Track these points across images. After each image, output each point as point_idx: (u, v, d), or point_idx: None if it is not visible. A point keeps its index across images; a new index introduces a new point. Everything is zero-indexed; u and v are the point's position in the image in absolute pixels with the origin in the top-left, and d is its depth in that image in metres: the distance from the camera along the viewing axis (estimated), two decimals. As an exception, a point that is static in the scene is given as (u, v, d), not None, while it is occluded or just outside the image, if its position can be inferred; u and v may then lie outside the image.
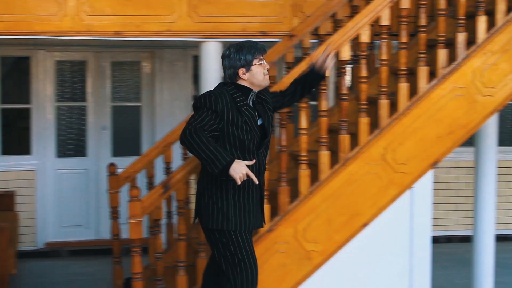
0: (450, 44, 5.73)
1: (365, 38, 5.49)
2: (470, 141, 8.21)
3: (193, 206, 6.38)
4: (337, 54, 5.50)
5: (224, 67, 4.65)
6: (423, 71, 5.61)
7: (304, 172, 5.47)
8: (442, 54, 5.62)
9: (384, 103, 5.56)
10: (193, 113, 4.56)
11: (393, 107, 5.63)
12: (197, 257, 5.36)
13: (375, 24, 5.69)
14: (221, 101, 4.48)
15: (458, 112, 5.63)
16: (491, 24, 5.71)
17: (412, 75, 5.72)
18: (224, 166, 4.35)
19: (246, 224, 4.61)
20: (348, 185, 5.51)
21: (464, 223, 9.58)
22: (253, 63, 4.58)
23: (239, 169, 4.36)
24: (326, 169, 5.50)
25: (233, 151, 4.55)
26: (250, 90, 4.63)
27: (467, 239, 8.67)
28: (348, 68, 6.55)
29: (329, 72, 4.94)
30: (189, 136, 4.38)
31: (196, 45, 6.75)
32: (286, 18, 6.69)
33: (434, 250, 6.03)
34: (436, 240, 8.96)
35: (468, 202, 9.32)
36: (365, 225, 5.57)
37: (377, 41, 5.70)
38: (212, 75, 6.58)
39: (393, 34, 6.16)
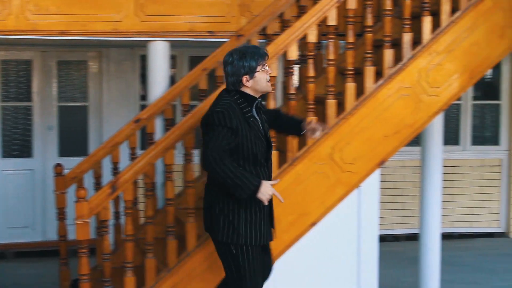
0: (396, 44, 5.79)
1: (312, 38, 5.51)
2: (416, 141, 8.31)
3: (141, 206, 6.36)
4: (284, 54, 5.52)
5: (226, 74, 4.54)
6: (369, 71, 5.66)
7: (252, 172, 5.47)
8: (388, 54, 5.69)
9: (331, 103, 5.60)
10: (206, 132, 4.43)
11: (341, 106, 5.67)
12: (145, 258, 5.33)
13: (322, 24, 5.72)
14: (234, 116, 4.41)
15: (404, 112, 5.70)
16: (436, 24, 5.79)
17: (359, 75, 5.76)
18: (253, 192, 4.36)
19: (256, 238, 4.58)
20: (296, 184, 5.53)
21: (410, 221, 9.69)
22: (257, 70, 4.51)
23: (266, 191, 4.39)
24: (274, 169, 5.50)
25: (246, 166, 4.50)
26: (254, 98, 4.57)
27: (413, 238, 8.77)
28: (296, 68, 6.59)
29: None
30: (214, 164, 4.31)
31: (144, 45, 6.71)
32: (234, 17, 6.69)
33: (381, 248, 6.08)
34: (383, 238, 9.05)
35: (415, 201, 9.44)
36: (313, 224, 5.60)
37: (324, 41, 5.73)
38: (160, 75, 6.55)
39: (340, 34, 6.21)
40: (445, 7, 5.78)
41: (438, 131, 7.03)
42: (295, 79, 5.76)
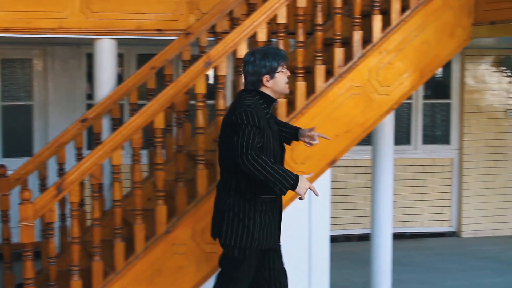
0: (347, 43, 5.86)
1: (262, 36, 5.54)
2: (368, 140, 8.40)
3: (88, 208, 6.31)
4: (234, 52, 5.54)
5: (247, 73, 4.56)
6: (320, 70, 5.71)
7: (201, 172, 5.48)
8: (338, 53, 5.74)
9: (281, 102, 5.63)
10: (232, 132, 4.40)
11: (291, 106, 5.71)
12: (92, 261, 5.30)
13: (272, 22, 5.75)
14: (260, 116, 4.42)
15: (355, 111, 5.76)
16: (386, 23, 5.87)
17: (309, 74, 5.81)
18: (292, 185, 4.34)
19: (267, 242, 4.61)
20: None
21: (362, 221, 9.79)
22: (278, 70, 4.55)
23: (304, 185, 4.37)
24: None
25: None
26: (273, 99, 4.61)
27: (366, 238, 8.86)
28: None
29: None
30: (253, 162, 4.29)
31: (90, 43, 6.67)
32: (182, 15, 6.68)
33: (332, 249, 6.14)
34: (334, 239, 9.14)
35: (366, 201, 9.54)
36: (263, 225, 5.63)
37: (274, 40, 5.76)
38: (106, 74, 6.51)
39: (290, 32, 6.25)
40: (395, 6, 5.87)
41: (389, 130, 7.12)
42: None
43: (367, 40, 5.84)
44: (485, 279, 8.03)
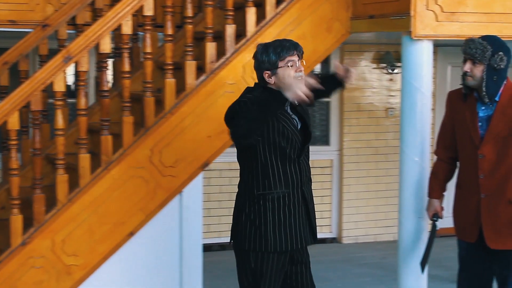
0: (219, 37, 5.91)
1: (127, 29, 5.52)
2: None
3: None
4: (97, 46, 5.50)
5: (254, 69, 4.48)
6: (190, 66, 5.74)
7: (61, 178, 5.41)
8: (210, 48, 5.79)
9: (149, 101, 5.63)
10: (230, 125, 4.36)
11: (160, 104, 5.71)
12: None
13: (138, 14, 5.75)
14: None
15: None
16: (261, 16, 5.95)
17: (179, 70, 5.83)
18: (283, 99, 4.19)
19: (286, 244, 4.49)
20: (111, 191, 5.52)
21: (238, 228, 9.86)
22: (279, 65, 4.35)
23: (294, 88, 4.17)
24: (87, 174, 5.48)
25: (273, 161, 4.41)
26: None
27: (241, 246, 8.92)
28: (109, 62, 6.55)
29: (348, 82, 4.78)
30: (241, 129, 4.19)
31: None
32: (39, 5, 6.56)
33: (206, 258, 6.17)
34: (208, 248, 9.17)
35: (242, 206, 9.62)
36: (131, 234, 5.62)
37: (141, 33, 5.76)
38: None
39: (158, 25, 6.25)
40: (270, -2, 5.97)
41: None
42: (108, 74, 5.74)
43: (241, 34, 5.91)
44: (366, 287, 8.24)
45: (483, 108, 4.99)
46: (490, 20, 5.72)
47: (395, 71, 9.90)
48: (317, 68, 10.13)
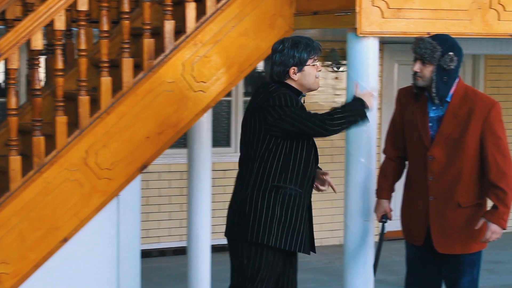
0: (158, 34, 5.87)
1: (60, 24, 5.46)
2: (183, 142, 8.46)
3: None
4: (28, 42, 5.43)
5: (274, 62, 4.71)
6: (127, 64, 5.70)
7: (-11, 182, 5.34)
8: (148, 45, 5.75)
9: (84, 100, 5.57)
10: (269, 114, 4.62)
11: (96, 104, 5.66)
12: None
13: (72, 8, 5.69)
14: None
15: (168, 110, 5.79)
16: (201, 11, 5.93)
17: (116, 68, 5.78)
18: (363, 109, 4.75)
19: (290, 243, 4.61)
20: (44, 194, 5.45)
21: (178, 233, 9.82)
22: (307, 63, 4.67)
23: (368, 100, 4.82)
24: (18, 177, 5.40)
25: (297, 156, 4.66)
26: (299, 93, 4.74)
27: (182, 251, 8.91)
28: (42, 59, 6.47)
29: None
30: (332, 126, 4.61)
31: None
32: (-34, -1, 6.46)
33: (145, 265, 6.15)
34: (147, 254, 9.13)
35: (183, 210, 9.58)
36: (66, 239, 5.56)
37: (75, 29, 5.70)
38: None
39: (93, 21, 6.20)
40: (211, -7, 5.95)
41: (207, 131, 7.21)
42: (41, 72, 5.66)
43: (180, 30, 5.89)
44: (311, 293, 8.29)
45: (434, 108, 5.04)
46: (437, 17, 5.78)
47: (341, 69, 9.97)
48: (261, 65, 10.15)
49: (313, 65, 4.74)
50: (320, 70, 4.82)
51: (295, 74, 4.70)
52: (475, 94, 5.05)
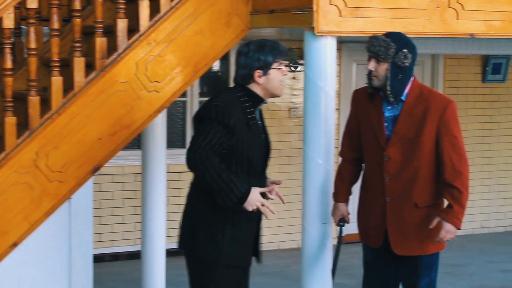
0: (110, 32, 5.85)
1: (8, 22, 5.41)
2: (137, 143, 8.43)
3: None
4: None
5: (238, 65, 4.67)
6: (79, 63, 5.67)
7: None
8: (100, 43, 5.72)
9: (34, 100, 5.53)
10: (197, 126, 4.57)
11: (46, 104, 5.62)
12: None
13: (21, 6, 5.65)
14: (234, 113, 4.51)
15: (121, 110, 5.78)
16: (155, 9, 5.91)
17: (67, 67, 5.75)
18: (239, 199, 4.42)
19: (240, 259, 4.62)
20: (-8, 198, 5.42)
21: (132, 237, 9.77)
22: (272, 66, 4.64)
23: (254, 201, 4.49)
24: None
25: (240, 171, 4.57)
26: (261, 99, 4.69)
27: (136, 256, 8.87)
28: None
29: None
30: (200, 163, 4.40)
31: None
32: None
33: (98, 270, 6.12)
34: (100, 258, 9.08)
35: (137, 213, 9.55)
36: (15, 244, 5.52)
37: (25, 27, 5.66)
38: None
39: (44, 19, 6.16)
40: (165, -10, 5.94)
41: (161, 132, 7.20)
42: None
43: (134, 29, 5.87)
44: (268, 297, 8.31)
45: (389, 108, 5.08)
46: (395, 16, 5.83)
47: (298, 69, 9.99)
48: (216, 65, 10.15)
49: (279, 69, 4.70)
50: (285, 75, 4.78)
51: (260, 78, 4.66)
52: (430, 93, 5.09)
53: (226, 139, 4.51)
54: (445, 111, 4.98)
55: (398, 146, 5.03)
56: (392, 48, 4.96)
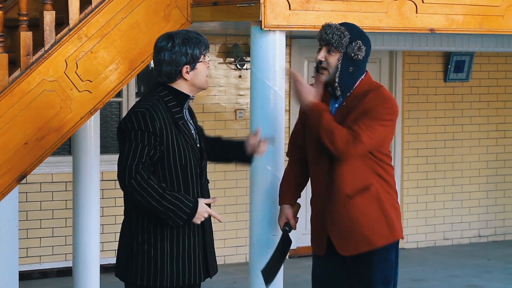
0: (36, 26, 5.81)
1: None
2: (67, 148, 8.37)
3: None
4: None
5: (161, 62, 4.60)
6: (2, 60, 5.62)
7: None
8: (25, 38, 5.68)
9: (-49, 101, 5.49)
10: (121, 141, 4.51)
11: (-36, 106, 5.58)
12: None
13: None
14: (158, 117, 4.47)
15: (49, 112, 5.74)
16: (87, 1, 5.89)
17: (-11, 65, 5.71)
18: (190, 214, 4.44)
19: (184, 278, 4.56)
20: None
21: (63, 252, 9.72)
22: (199, 60, 4.64)
23: (202, 214, 4.50)
24: None
25: (174, 183, 4.54)
26: (186, 96, 4.66)
27: (68, 273, 8.83)
28: None
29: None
30: (138, 189, 4.37)
31: None
32: None
33: (23, 288, 6.07)
34: (27, 276, 9.02)
35: (68, 226, 9.49)
36: None
37: None
38: None
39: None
40: (97, -21, 5.92)
41: (94, 137, 7.18)
42: None
43: (63, 22, 5.84)
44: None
45: (336, 105, 5.10)
46: (349, 9, 5.87)
47: (245, 66, 10.00)
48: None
49: (204, 61, 4.72)
50: (208, 66, 4.78)
51: (188, 74, 4.66)
52: (374, 91, 5.07)
53: (156, 149, 4.49)
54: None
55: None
56: (346, 37, 4.98)
